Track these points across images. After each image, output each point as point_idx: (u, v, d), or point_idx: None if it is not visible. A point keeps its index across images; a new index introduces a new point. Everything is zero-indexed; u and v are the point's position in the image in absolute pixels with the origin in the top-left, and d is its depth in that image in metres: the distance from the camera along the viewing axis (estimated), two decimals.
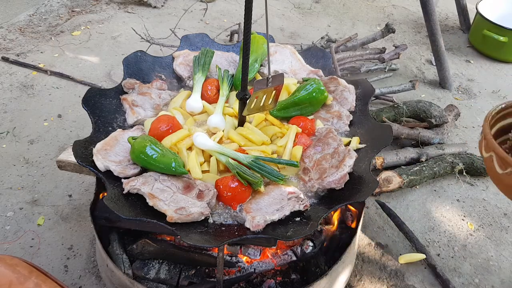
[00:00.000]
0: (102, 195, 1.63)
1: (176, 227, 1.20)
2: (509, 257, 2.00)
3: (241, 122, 1.58)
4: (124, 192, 1.28)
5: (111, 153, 1.38)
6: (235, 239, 1.20)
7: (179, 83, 1.85)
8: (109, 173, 1.34)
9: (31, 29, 3.44)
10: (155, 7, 3.88)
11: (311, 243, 1.66)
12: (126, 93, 1.69)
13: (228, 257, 1.60)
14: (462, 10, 3.73)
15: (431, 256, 1.93)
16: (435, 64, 3.09)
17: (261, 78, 1.67)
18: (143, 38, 3.11)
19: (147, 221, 1.19)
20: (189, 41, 1.94)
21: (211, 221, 1.30)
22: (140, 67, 1.78)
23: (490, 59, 3.46)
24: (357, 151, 1.50)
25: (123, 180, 1.32)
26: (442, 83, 3.11)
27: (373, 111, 2.57)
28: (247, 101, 1.42)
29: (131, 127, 1.58)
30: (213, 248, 1.58)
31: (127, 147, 1.42)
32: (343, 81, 1.78)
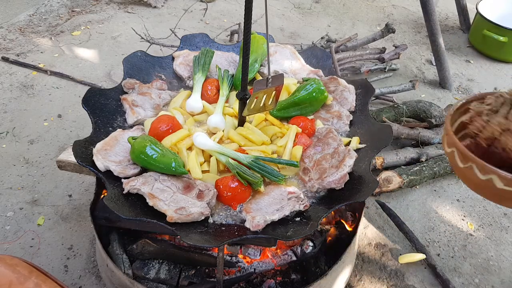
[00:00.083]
0: (102, 195, 1.63)
1: (176, 227, 1.20)
2: (509, 257, 2.00)
3: (241, 122, 1.58)
4: (124, 192, 1.28)
5: (111, 153, 1.38)
6: (235, 239, 1.20)
7: (179, 83, 1.85)
8: (109, 173, 1.34)
9: (31, 29, 3.44)
10: (155, 7, 3.87)
11: (311, 243, 1.66)
12: (126, 93, 1.69)
13: (228, 257, 1.60)
14: (462, 10, 3.73)
15: (431, 256, 1.93)
16: (435, 64, 3.09)
17: (261, 78, 1.67)
18: (143, 38, 3.11)
19: (147, 221, 1.20)
20: (189, 41, 1.94)
21: (211, 221, 1.30)
22: (140, 67, 1.78)
23: (490, 59, 3.45)
24: (357, 151, 1.50)
25: (123, 180, 1.32)
26: (442, 83, 3.11)
27: (373, 111, 2.57)
28: (247, 102, 1.41)
29: (131, 127, 1.58)
30: (213, 248, 1.58)
31: (127, 147, 1.42)
32: (343, 81, 1.78)
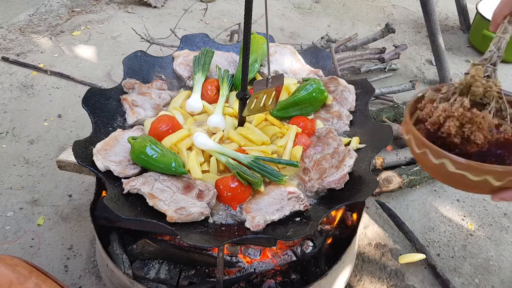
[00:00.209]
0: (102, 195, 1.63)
1: (176, 227, 1.20)
2: (509, 257, 2.00)
3: (241, 122, 1.58)
4: (124, 192, 1.28)
5: (111, 153, 1.38)
6: (235, 239, 1.20)
7: (179, 83, 1.85)
8: (109, 173, 1.34)
9: (31, 29, 3.44)
10: (155, 7, 3.88)
11: (311, 243, 1.66)
12: (126, 93, 1.69)
13: (228, 257, 1.60)
14: (462, 10, 3.73)
15: (431, 256, 1.93)
16: (435, 64, 3.09)
17: (261, 78, 1.67)
18: (143, 38, 3.11)
19: (147, 221, 1.19)
20: (189, 41, 1.94)
21: (211, 221, 1.30)
22: (140, 67, 1.78)
23: None
24: (357, 151, 1.50)
25: (123, 180, 1.32)
26: (442, 83, 3.10)
27: (373, 111, 2.57)
28: (247, 102, 1.41)
29: (131, 127, 1.58)
30: (213, 248, 1.58)
31: (127, 147, 1.42)
32: (343, 81, 1.78)
